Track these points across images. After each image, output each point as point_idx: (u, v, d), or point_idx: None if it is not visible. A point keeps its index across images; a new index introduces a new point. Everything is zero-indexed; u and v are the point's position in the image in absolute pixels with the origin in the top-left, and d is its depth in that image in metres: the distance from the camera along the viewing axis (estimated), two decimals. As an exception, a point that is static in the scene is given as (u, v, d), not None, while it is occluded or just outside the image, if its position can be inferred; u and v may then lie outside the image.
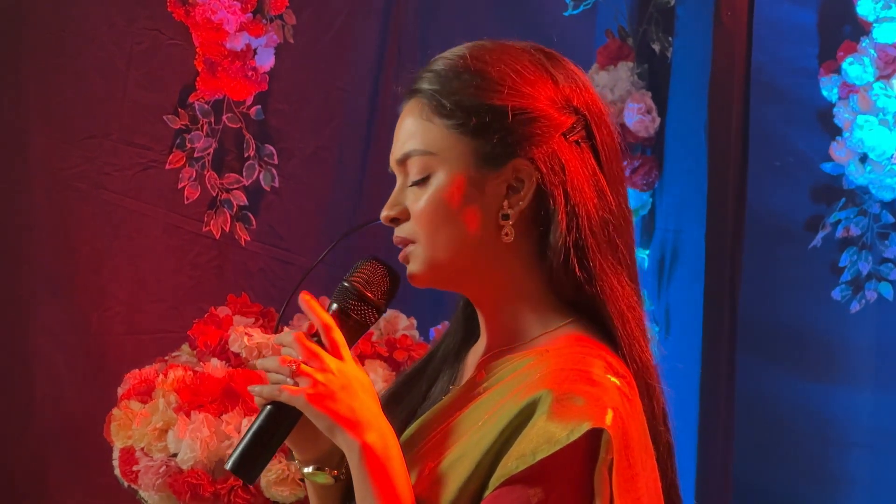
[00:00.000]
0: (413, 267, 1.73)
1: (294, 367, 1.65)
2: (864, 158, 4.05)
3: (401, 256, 1.74)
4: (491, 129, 1.68)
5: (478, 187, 1.69)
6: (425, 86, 1.72)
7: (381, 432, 1.65)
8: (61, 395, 3.85)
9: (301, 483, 3.14)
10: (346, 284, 1.73)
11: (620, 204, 1.74)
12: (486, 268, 1.72)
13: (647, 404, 1.70)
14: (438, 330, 3.66)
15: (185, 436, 3.14)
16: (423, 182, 1.70)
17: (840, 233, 4.14)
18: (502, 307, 1.74)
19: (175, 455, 3.18)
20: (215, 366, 3.33)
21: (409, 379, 1.89)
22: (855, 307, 4.15)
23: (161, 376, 3.33)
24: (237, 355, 3.41)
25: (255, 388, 1.69)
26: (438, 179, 1.69)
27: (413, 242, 1.72)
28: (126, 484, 3.31)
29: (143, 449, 3.23)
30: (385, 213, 1.74)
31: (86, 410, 3.75)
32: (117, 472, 3.32)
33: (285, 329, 3.47)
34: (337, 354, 1.68)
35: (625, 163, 1.80)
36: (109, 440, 3.36)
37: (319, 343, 1.68)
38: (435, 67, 1.73)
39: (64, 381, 3.85)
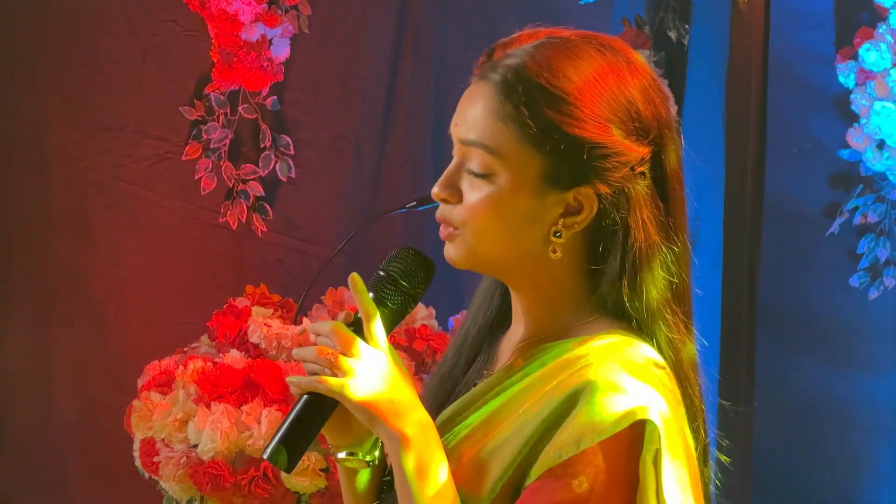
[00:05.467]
0: (454, 252, 1.71)
1: (332, 358, 1.64)
2: (881, 145, 4.05)
3: (442, 234, 1.72)
4: (563, 156, 1.65)
5: (537, 200, 1.67)
6: (502, 81, 1.67)
7: (420, 423, 1.65)
8: (80, 387, 3.85)
9: (321, 473, 3.14)
10: (381, 273, 1.73)
11: (682, 233, 1.73)
12: (530, 271, 1.71)
13: (688, 404, 1.71)
14: (458, 319, 3.66)
15: (205, 427, 3.15)
16: (483, 177, 1.68)
17: (858, 219, 4.13)
18: (541, 300, 1.74)
19: (195, 446, 3.19)
20: (235, 357, 3.33)
21: (447, 361, 1.88)
22: (873, 294, 4.14)
23: (181, 367, 3.34)
24: (257, 346, 3.41)
25: (292, 379, 1.67)
26: (500, 182, 1.67)
27: (456, 228, 1.70)
28: (146, 475, 3.32)
29: (163, 440, 3.23)
30: (437, 191, 1.71)
31: (105, 402, 3.75)
32: (138, 463, 3.33)
33: (305, 320, 3.48)
34: (375, 344, 1.67)
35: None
36: (130, 432, 3.37)
37: (356, 332, 1.67)
38: (514, 63, 1.67)
39: (82, 372, 3.86)
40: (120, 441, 3.49)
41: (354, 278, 1.69)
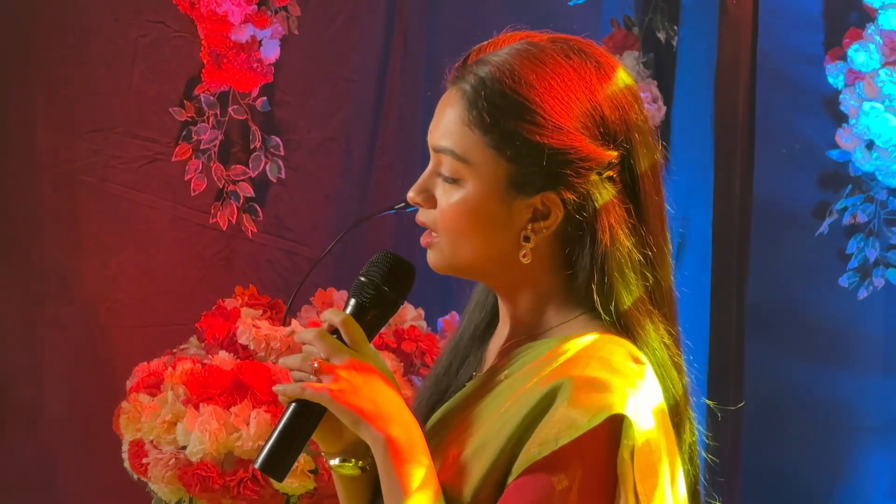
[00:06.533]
0: (433, 259, 1.74)
1: (316, 364, 1.67)
2: (870, 145, 4.05)
3: (423, 241, 1.75)
4: (526, 162, 1.67)
5: (504, 205, 1.69)
6: (469, 89, 1.69)
7: (404, 424, 1.67)
8: (70, 388, 3.85)
9: (310, 475, 3.15)
10: (362, 279, 1.75)
11: (657, 236, 1.73)
12: (506, 275, 1.73)
13: (671, 404, 1.72)
14: (446, 320, 3.66)
15: (193, 428, 3.15)
16: (453, 182, 1.70)
17: (847, 220, 4.14)
18: (522, 302, 1.76)
19: (184, 447, 3.19)
20: (223, 358, 3.33)
21: (442, 363, 1.90)
22: (863, 294, 4.15)
23: (169, 369, 3.34)
24: (245, 347, 3.41)
25: (278, 387, 1.70)
26: (468, 189, 1.69)
27: (434, 233, 1.73)
28: (135, 476, 3.32)
29: (152, 442, 3.23)
30: (411, 195, 1.74)
31: (95, 403, 3.75)
32: (127, 464, 3.33)
33: (293, 321, 3.48)
34: (358, 349, 1.69)
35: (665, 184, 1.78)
36: (119, 433, 3.37)
37: (341, 339, 1.70)
38: (481, 70, 1.70)
39: (73, 373, 3.86)
40: (109, 443, 3.49)
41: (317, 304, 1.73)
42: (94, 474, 3.84)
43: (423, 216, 1.74)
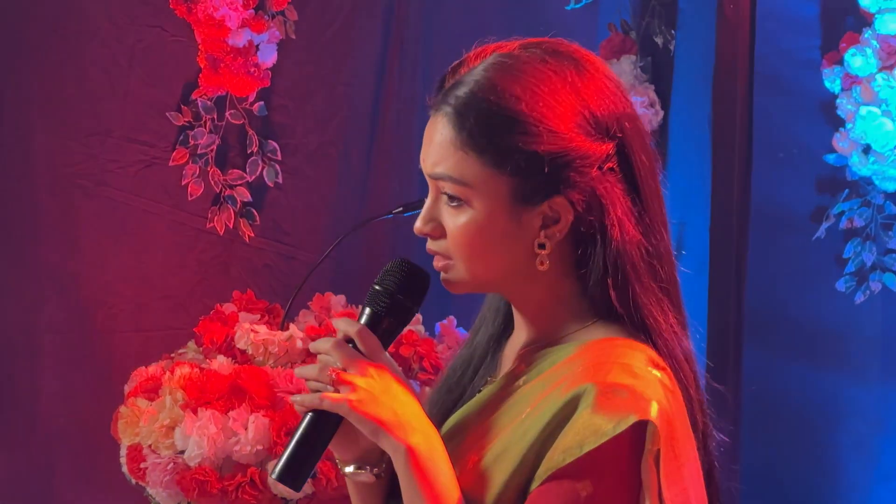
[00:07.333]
0: (452, 282, 1.74)
1: (334, 374, 1.67)
2: (867, 149, 4.05)
3: (436, 265, 1.74)
4: (527, 173, 1.67)
5: (514, 218, 1.69)
6: (454, 112, 1.69)
7: (425, 433, 1.67)
8: (68, 393, 3.85)
9: (309, 479, 3.14)
10: (377, 288, 1.74)
11: (658, 222, 1.74)
12: (522, 284, 1.73)
13: (685, 396, 1.72)
14: (444, 325, 3.66)
15: (192, 433, 3.15)
16: (458, 206, 1.70)
17: (844, 224, 4.14)
18: (539, 310, 1.76)
19: (182, 452, 3.19)
20: (221, 363, 3.34)
21: (456, 370, 1.90)
22: (859, 298, 4.15)
23: (168, 373, 3.34)
24: (243, 352, 3.41)
25: (296, 398, 1.70)
26: (475, 210, 1.69)
27: (448, 259, 1.72)
28: (134, 481, 3.32)
29: (150, 446, 3.23)
30: (419, 227, 1.74)
31: (93, 408, 3.75)
32: (125, 469, 3.33)
33: (291, 325, 3.48)
34: (374, 358, 1.69)
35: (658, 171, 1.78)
36: (117, 438, 3.37)
37: (356, 348, 1.70)
38: (462, 93, 1.69)
39: (70, 378, 3.86)
40: (107, 447, 3.49)
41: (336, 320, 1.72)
42: (92, 479, 3.84)
43: (434, 246, 1.74)
